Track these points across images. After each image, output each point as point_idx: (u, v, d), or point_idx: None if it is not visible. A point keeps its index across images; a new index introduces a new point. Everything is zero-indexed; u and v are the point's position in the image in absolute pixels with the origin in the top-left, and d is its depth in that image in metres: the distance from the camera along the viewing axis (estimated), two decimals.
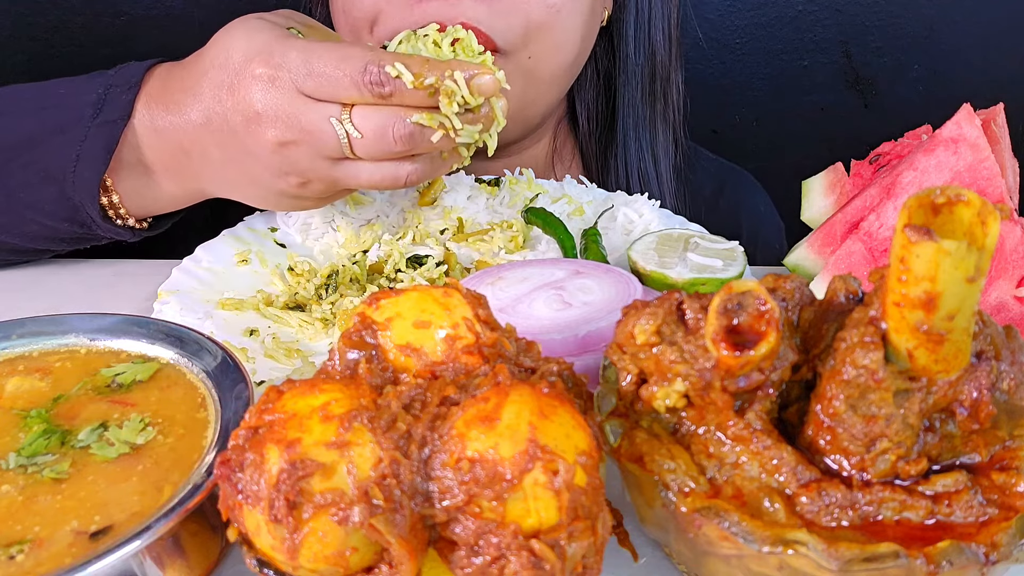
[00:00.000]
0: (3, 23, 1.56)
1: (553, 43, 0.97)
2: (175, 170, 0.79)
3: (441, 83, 0.68)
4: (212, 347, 0.59)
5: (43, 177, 0.78)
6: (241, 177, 0.76)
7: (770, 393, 0.46)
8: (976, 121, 0.76)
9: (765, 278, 0.51)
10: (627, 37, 1.11)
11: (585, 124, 1.17)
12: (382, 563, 0.40)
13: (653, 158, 1.14)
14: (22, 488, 0.49)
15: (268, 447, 0.40)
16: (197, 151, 0.76)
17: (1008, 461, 0.45)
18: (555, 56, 0.99)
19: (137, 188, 0.80)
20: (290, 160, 0.72)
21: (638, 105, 1.13)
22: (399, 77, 0.67)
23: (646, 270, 0.77)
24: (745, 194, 1.29)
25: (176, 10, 1.57)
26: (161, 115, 0.76)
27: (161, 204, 0.83)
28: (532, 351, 0.49)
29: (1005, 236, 0.74)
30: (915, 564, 0.40)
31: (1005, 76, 1.72)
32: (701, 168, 1.24)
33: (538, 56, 0.97)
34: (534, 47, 0.96)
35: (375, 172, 0.73)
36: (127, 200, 0.81)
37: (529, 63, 0.97)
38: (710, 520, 0.43)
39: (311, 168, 0.72)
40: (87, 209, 0.79)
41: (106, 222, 0.81)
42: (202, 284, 0.79)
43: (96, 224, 0.80)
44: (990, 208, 0.38)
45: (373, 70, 0.67)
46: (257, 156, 0.73)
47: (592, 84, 1.16)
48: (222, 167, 0.76)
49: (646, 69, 1.12)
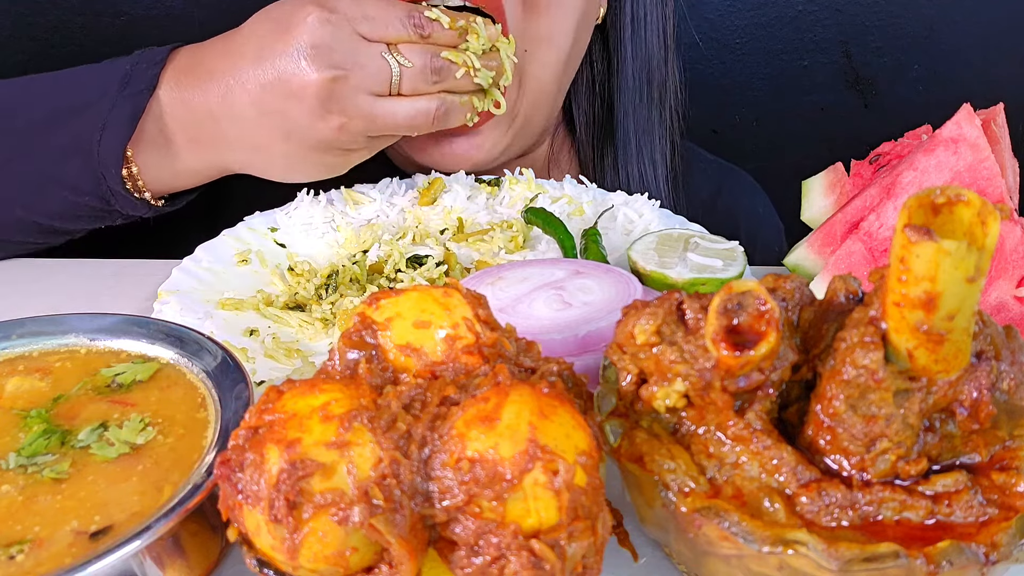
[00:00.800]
0: (3, 23, 1.56)
1: (546, 35, 0.96)
2: (198, 140, 0.82)
3: (469, 25, 0.83)
4: (212, 347, 0.59)
5: (69, 149, 0.81)
6: (274, 132, 0.80)
7: (770, 393, 0.46)
8: (976, 121, 0.76)
9: (765, 278, 0.51)
10: (623, 39, 1.11)
11: (582, 128, 1.17)
12: (382, 563, 0.40)
13: (651, 162, 1.13)
14: (22, 488, 0.49)
15: (268, 447, 0.40)
16: (228, 115, 0.80)
17: (1008, 461, 0.45)
18: (549, 51, 0.97)
19: (157, 161, 0.83)
20: (335, 96, 0.77)
21: (635, 109, 1.13)
22: (437, 20, 0.81)
23: (646, 270, 0.77)
24: (743, 196, 1.28)
25: (176, 10, 1.57)
26: (190, 84, 0.81)
27: (180, 179, 0.86)
28: (532, 351, 0.49)
29: (1005, 236, 0.74)
30: (915, 564, 0.40)
31: (1005, 76, 1.71)
32: (698, 170, 1.23)
33: (532, 52, 0.95)
34: (525, 36, 0.94)
35: (411, 108, 0.81)
36: (145, 172, 0.83)
37: (522, 55, 0.94)
38: (710, 520, 0.43)
39: (354, 105, 0.78)
40: (109, 181, 0.81)
41: (125, 194, 0.83)
42: (202, 284, 0.79)
43: (115, 197, 0.83)
44: (990, 208, 0.38)
45: (416, 14, 0.80)
46: (301, 97, 0.77)
47: (588, 88, 1.15)
48: (255, 125, 0.80)
49: (642, 72, 1.12)
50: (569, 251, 0.83)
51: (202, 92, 0.80)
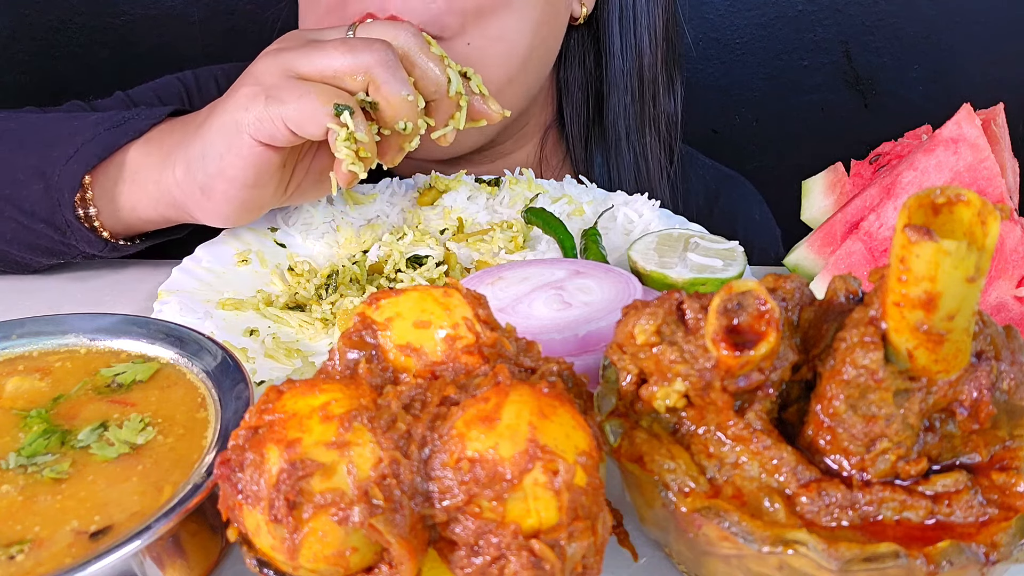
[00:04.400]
0: (3, 23, 1.56)
1: (496, 31, 0.94)
2: (153, 165, 0.79)
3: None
4: (212, 347, 0.59)
5: (33, 172, 0.80)
6: (214, 122, 0.75)
7: (770, 393, 0.46)
8: (976, 121, 0.76)
9: (765, 278, 0.51)
10: (612, 36, 1.08)
11: (574, 130, 1.14)
12: (382, 563, 0.40)
13: (646, 166, 1.12)
14: (22, 488, 0.49)
15: (268, 447, 0.40)
16: (182, 131, 0.78)
17: (1008, 461, 0.45)
18: (498, 44, 0.95)
19: (112, 189, 0.80)
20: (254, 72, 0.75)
21: (625, 108, 1.10)
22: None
23: (646, 270, 0.77)
24: (740, 203, 1.26)
25: (176, 10, 1.57)
26: (169, 129, 0.80)
27: (134, 213, 0.82)
28: (532, 351, 0.49)
29: (1005, 236, 0.74)
30: (915, 564, 0.40)
31: (1005, 76, 1.72)
32: (695, 175, 1.21)
33: (479, 44, 0.93)
34: (473, 34, 0.92)
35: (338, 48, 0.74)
36: (100, 201, 0.80)
37: (468, 50, 0.92)
38: (710, 520, 0.43)
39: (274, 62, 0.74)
40: (63, 208, 0.79)
41: (79, 226, 0.80)
42: (202, 284, 0.79)
43: (71, 228, 0.80)
44: (990, 208, 0.38)
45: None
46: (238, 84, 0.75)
47: (580, 88, 1.13)
48: (202, 130, 0.76)
49: (634, 72, 1.09)
50: (569, 251, 0.83)
51: (171, 129, 0.80)
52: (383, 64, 0.72)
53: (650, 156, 1.12)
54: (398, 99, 0.73)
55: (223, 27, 0.83)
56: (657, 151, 1.13)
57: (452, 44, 0.91)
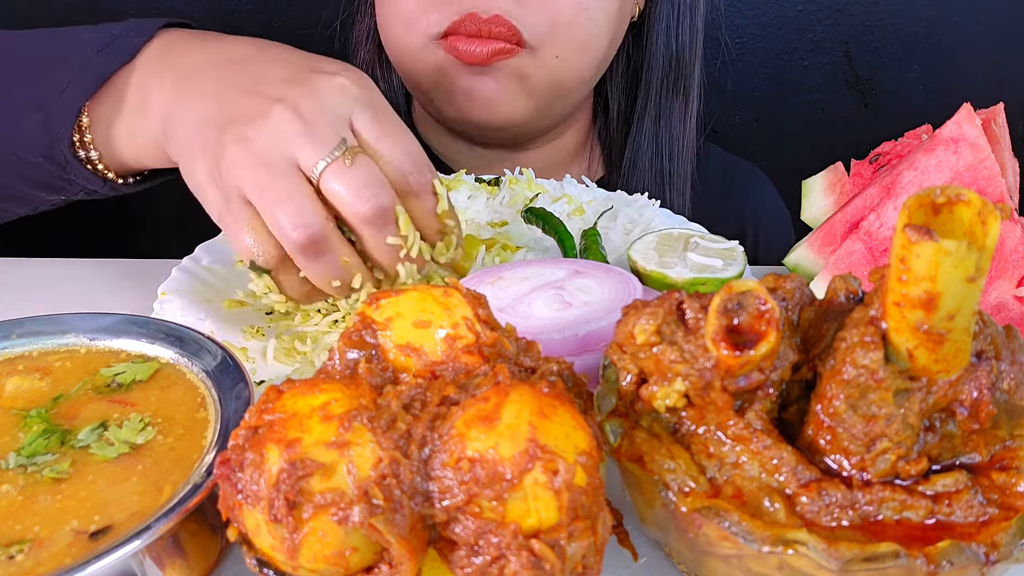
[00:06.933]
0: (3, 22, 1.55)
1: (580, 43, 1.01)
2: (152, 101, 0.75)
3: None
4: (212, 347, 0.59)
5: (31, 105, 0.78)
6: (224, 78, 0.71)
7: (770, 393, 0.46)
8: (976, 121, 0.76)
9: (765, 278, 0.51)
10: (657, 31, 1.16)
11: (612, 116, 1.21)
12: (382, 563, 0.40)
13: (671, 152, 1.18)
14: (22, 488, 0.49)
15: (268, 447, 0.40)
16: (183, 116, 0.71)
17: (1008, 461, 0.45)
18: (582, 56, 1.02)
19: (107, 127, 0.77)
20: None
21: (659, 101, 1.17)
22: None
23: (646, 270, 0.77)
24: (754, 188, 1.33)
25: (176, 10, 1.57)
26: (163, 68, 0.75)
27: (129, 151, 0.78)
28: (532, 351, 0.49)
29: (1005, 236, 0.74)
30: (915, 564, 0.40)
31: (1005, 76, 1.71)
32: (711, 164, 1.27)
33: (565, 56, 1.01)
34: (561, 46, 0.99)
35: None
36: (97, 134, 0.77)
37: (556, 62, 1.00)
38: (710, 520, 0.43)
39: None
40: (60, 142, 0.76)
41: (76, 162, 0.78)
42: (202, 284, 0.79)
43: (70, 164, 0.78)
44: (990, 208, 0.38)
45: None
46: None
47: (622, 77, 1.20)
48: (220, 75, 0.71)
49: (670, 64, 1.16)
50: (569, 251, 0.83)
51: (170, 88, 0.73)
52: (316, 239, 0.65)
53: (676, 146, 1.19)
54: (324, 282, 0.68)
55: (223, 27, 0.82)
56: (685, 139, 1.20)
57: (542, 53, 0.99)
